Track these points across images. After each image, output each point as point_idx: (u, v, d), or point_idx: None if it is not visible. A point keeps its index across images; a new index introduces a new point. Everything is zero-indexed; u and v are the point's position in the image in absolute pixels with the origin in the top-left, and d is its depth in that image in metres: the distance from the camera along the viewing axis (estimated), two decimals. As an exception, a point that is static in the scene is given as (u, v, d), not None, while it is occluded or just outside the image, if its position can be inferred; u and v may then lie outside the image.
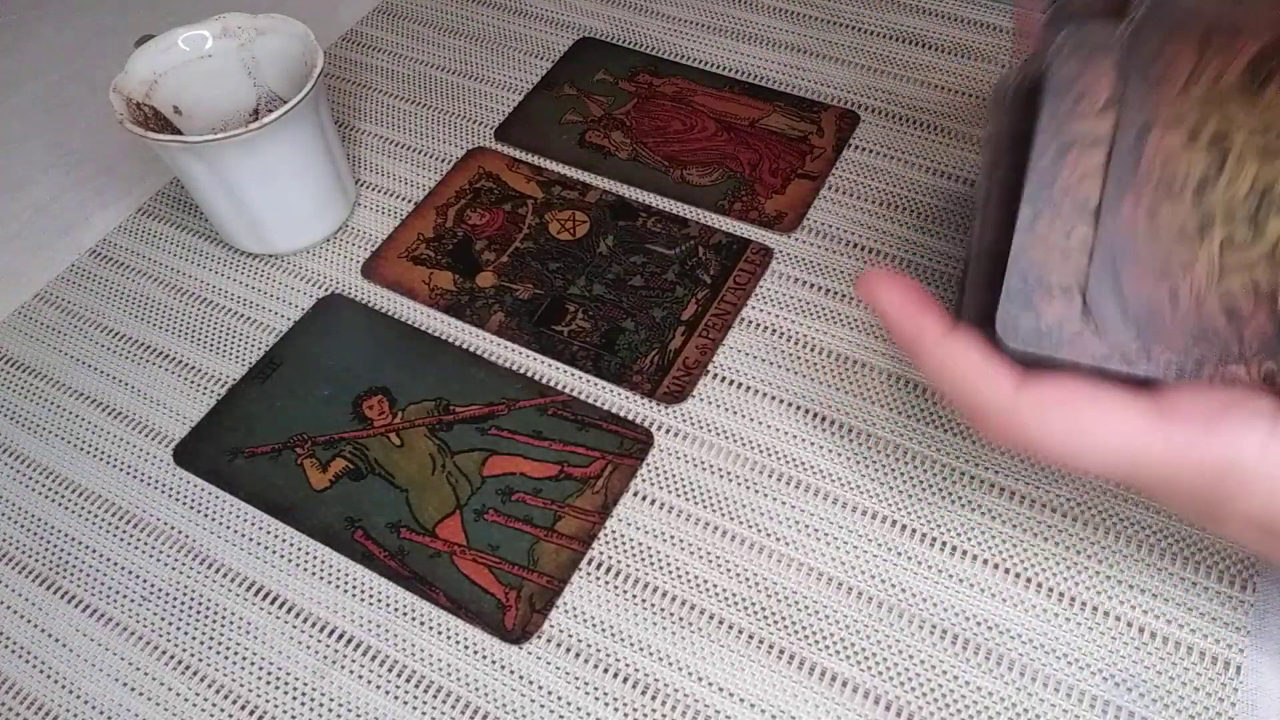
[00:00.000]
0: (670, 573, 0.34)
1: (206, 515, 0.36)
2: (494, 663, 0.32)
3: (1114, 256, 0.25)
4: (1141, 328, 0.25)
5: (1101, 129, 0.25)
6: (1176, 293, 0.25)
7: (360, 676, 0.32)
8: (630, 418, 0.37)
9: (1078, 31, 0.25)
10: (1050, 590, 0.32)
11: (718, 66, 0.50)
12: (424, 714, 0.31)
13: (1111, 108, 0.25)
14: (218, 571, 0.35)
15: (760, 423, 0.37)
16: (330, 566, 0.35)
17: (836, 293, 0.41)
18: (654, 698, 0.31)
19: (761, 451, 0.36)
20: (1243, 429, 0.24)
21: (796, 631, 0.32)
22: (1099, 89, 0.25)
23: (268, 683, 0.32)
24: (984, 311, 0.27)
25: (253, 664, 0.33)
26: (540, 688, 0.32)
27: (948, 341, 0.27)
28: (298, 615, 0.34)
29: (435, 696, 0.32)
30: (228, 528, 0.36)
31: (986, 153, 0.30)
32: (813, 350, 0.39)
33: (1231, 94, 0.25)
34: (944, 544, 0.34)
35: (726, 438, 0.37)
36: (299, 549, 0.35)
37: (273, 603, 0.34)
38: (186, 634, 0.34)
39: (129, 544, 0.36)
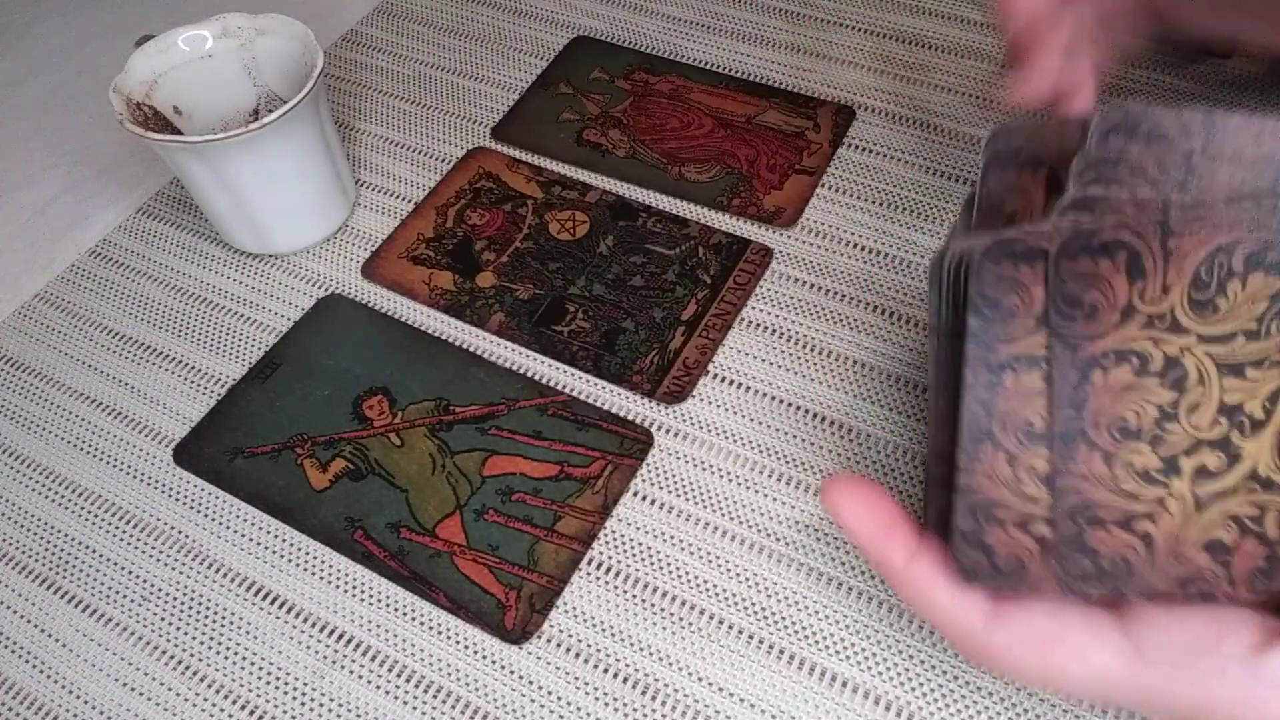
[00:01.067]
0: (670, 573, 0.34)
1: (206, 515, 0.36)
2: (494, 663, 0.32)
3: (1072, 511, 0.23)
4: (1117, 581, 0.23)
5: (1036, 349, 0.23)
6: (1150, 540, 0.23)
7: (360, 676, 0.32)
8: (630, 418, 0.37)
9: (1000, 242, 0.23)
10: (1050, 590, 0.32)
11: (714, 65, 0.50)
12: (424, 714, 0.31)
13: (1044, 326, 0.23)
14: (218, 571, 0.35)
15: (760, 423, 0.37)
16: (330, 566, 0.35)
17: (836, 293, 0.41)
18: (654, 698, 0.31)
19: (761, 451, 0.36)
20: (1217, 677, 0.23)
21: (796, 631, 0.32)
22: (1030, 305, 0.23)
23: (268, 683, 0.32)
24: (944, 519, 0.25)
25: (253, 664, 0.33)
26: (540, 688, 0.32)
27: (915, 568, 0.26)
28: (298, 615, 0.34)
29: (435, 696, 0.32)
30: (228, 528, 0.36)
31: (930, 339, 0.27)
32: (813, 350, 0.39)
33: (1180, 308, 0.22)
34: (944, 544, 0.33)
35: (726, 438, 0.37)
36: (299, 549, 0.35)
37: (273, 603, 0.34)
38: (186, 634, 0.34)
39: (129, 544, 0.36)
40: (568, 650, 0.32)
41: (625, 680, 0.32)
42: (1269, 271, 0.22)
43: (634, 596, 0.33)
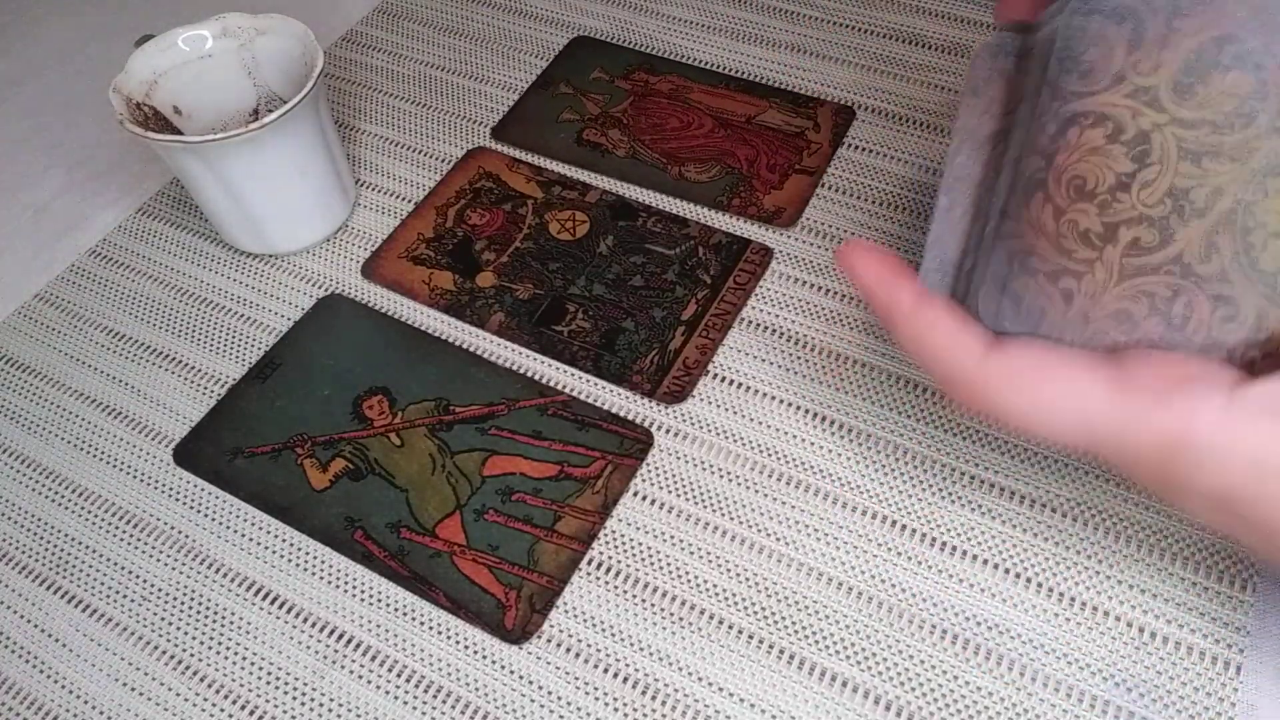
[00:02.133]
0: (670, 573, 0.34)
1: (206, 515, 0.36)
2: (494, 663, 0.32)
3: (1010, 254, 0.25)
4: (1032, 327, 0.25)
5: (1107, 105, 0.24)
6: (1070, 297, 0.25)
7: (360, 676, 0.32)
8: (630, 418, 0.37)
9: (994, 42, 0.25)
10: (1050, 590, 0.32)
11: (714, 65, 0.50)
12: (424, 714, 0.31)
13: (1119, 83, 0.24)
14: (218, 571, 0.35)
15: (760, 423, 0.37)
16: (330, 566, 0.35)
17: (836, 293, 0.41)
18: (654, 698, 0.31)
19: (761, 451, 0.36)
20: (1196, 403, 0.24)
21: (796, 631, 0.32)
22: (1111, 62, 0.24)
23: (268, 683, 0.32)
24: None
25: (253, 664, 0.33)
26: (540, 688, 0.32)
27: (921, 309, 0.28)
28: (298, 615, 0.34)
29: (435, 696, 0.32)
30: (228, 528, 0.36)
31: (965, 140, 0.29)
32: (813, 350, 0.39)
33: (1165, 86, 0.23)
34: (944, 544, 0.34)
35: (726, 438, 0.37)
36: (299, 549, 0.35)
37: (273, 603, 0.34)
38: (186, 634, 0.34)
39: (129, 544, 0.36)
40: (568, 650, 0.32)
41: (625, 680, 0.32)
42: (1249, 72, 0.23)
43: (634, 596, 0.33)
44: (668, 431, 0.37)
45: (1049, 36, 0.25)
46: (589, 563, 0.34)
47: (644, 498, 0.35)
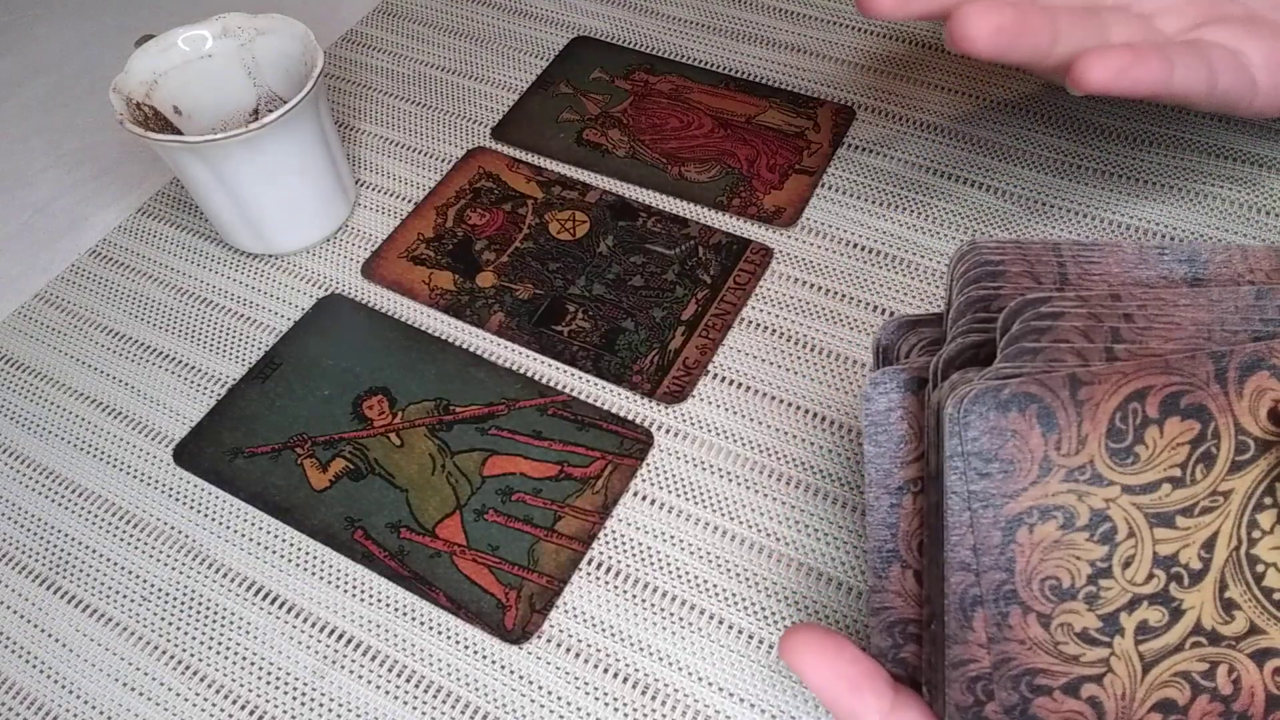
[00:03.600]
0: (670, 573, 0.34)
1: (206, 515, 0.36)
2: (494, 663, 0.32)
3: (1014, 679, 0.22)
4: None
5: (1040, 499, 0.22)
6: (1099, 705, 0.22)
7: (360, 676, 0.32)
8: (630, 418, 0.37)
9: (894, 374, 0.22)
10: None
11: (714, 65, 0.50)
12: (424, 714, 0.31)
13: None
14: (218, 571, 0.35)
15: (760, 423, 0.37)
16: (330, 566, 0.35)
17: (836, 293, 0.41)
18: (654, 698, 0.31)
19: (761, 451, 0.36)
20: None
21: (796, 631, 0.32)
22: (1031, 453, 0.21)
23: (268, 683, 0.32)
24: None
25: (253, 664, 0.33)
26: (540, 688, 0.32)
27: None
28: (298, 615, 0.34)
29: (435, 696, 0.32)
30: (228, 528, 0.36)
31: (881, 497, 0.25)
32: (813, 350, 0.39)
33: (1100, 459, 0.21)
34: (944, 544, 0.33)
35: (726, 438, 0.37)
36: (299, 549, 0.35)
37: (273, 603, 0.34)
38: (186, 634, 0.34)
39: (129, 544, 0.36)
40: (568, 650, 0.32)
41: (625, 680, 0.32)
42: (1184, 416, 0.21)
43: (634, 596, 0.33)
44: (668, 431, 0.37)
45: (939, 406, 0.22)
46: (589, 563, 0.34)
47: (644, 498, 0.35)
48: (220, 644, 0.33)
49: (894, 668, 0.25)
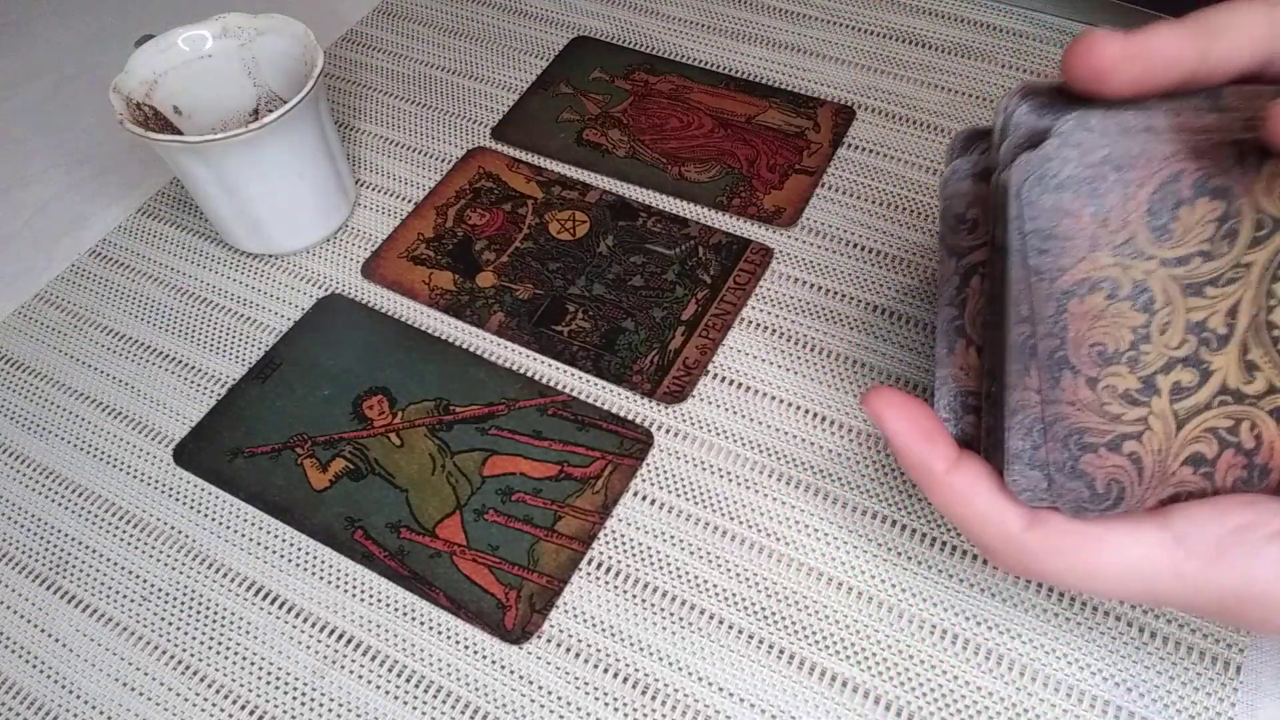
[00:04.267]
0: (670, 573, 0.34)
1: (206, 515, 0.36)
2: (494, 663, 0.32)
3: (1064, 437, 0.24)
4: (1111, 503, 0.25)
5: (1095, 271, 0.24)
6: (1138, 459, 0.24)
7: (360, 676, 0.32)
8: (630, 418, 0.37)
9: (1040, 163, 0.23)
10: (1050, 590, 0.32)
11: (714, 65, 0.50)
12: (424, 714, 0.31)
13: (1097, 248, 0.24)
14: (218, 571, 0.35)
15: (760, 423, 0.37)
16: (330, 566, 0.35)
17: (836, 293, 0.41)
18: (654, 698, 0.31)
19: (761, 451, 0.36)
20: (1253, 558, 0.24)
21: (796, 631, 0.32)
22: (1084, 228, 0.23)
23: (268, 683, 0.32)
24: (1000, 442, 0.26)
25: (253, 664, 0.33)
26: (540, 688, 0.32)
27: (955, 476, 0.27)
28: (298, 615, 0.34)
29: (435, 696, 0.32)
30: (228, 528, 0.36)
31: (949, 260, 0.28)
32: (813, 350, 0.39)
33: (1141, 234, 0.23)
34: (944, 544, 0.34)
35: (726, 438, 0.37)
36: (299, 549, 0.35)
37: (273, 603, 0.34)
38: (186, 634, 0.34)
39: (129, 544, 0.36)
40: (568, 650, 0.32)
41: (625, 680, 0.32)
42: (1212, 196, 0.23)
43: (634, 596, 0.33)
44: (668, 431, 0.37)
45: (1004, 189, 0.24)
46: (589, 563, 0.34)
47: (644, 498, 0.35)
48: (220, 644, 0.33)
49: (1074, 481, 0.26)
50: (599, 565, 0.34)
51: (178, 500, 0.37)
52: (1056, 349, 0.23)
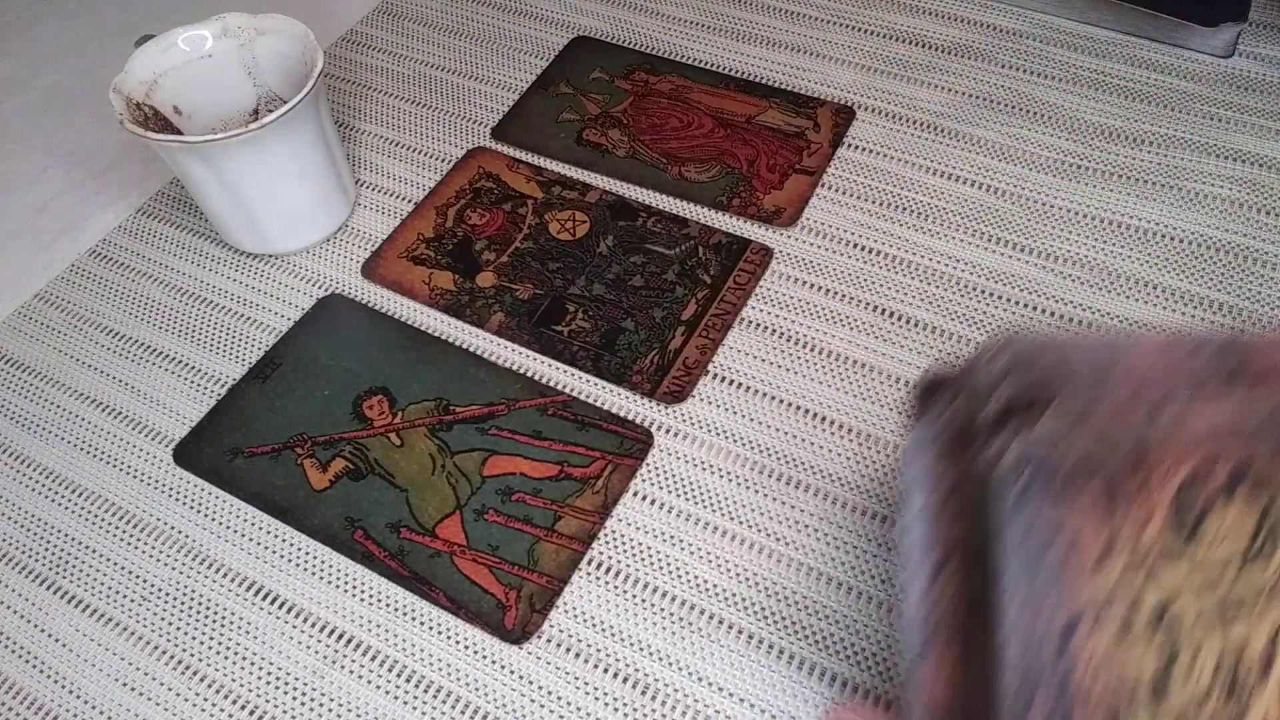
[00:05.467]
0: (670, 573, 0.34)
1: (206, 515, 0.36)
2: (494, 663, 0.32)
3: None
4: None
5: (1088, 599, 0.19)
6: None
7: (360, 676, 0.32)
8: (630, 418, 0.37)
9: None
10: (1050, 590, 0.32)
11: (714, 65, 0.50)
12: (424, 714, 0.31)
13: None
14: (218, 571, 0.35)
15: (760, 423, 0.37)
16: (330, 566, 0.35)
17: (836, 293, 0.41)
18: (654, 698, 0.31)
19: (761, 451, 0.36)
20: None
21: (796, 631, 0.32)
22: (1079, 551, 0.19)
23: (268, 683, 0.32)
24: None
25: (253, 664, 0.33)
26: (540, 688, 0.32)
27: None
28: (298, 615, 0.34)
29: (435, 696, 0.32)
30: (228, 528, 0.36)
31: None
32: (813, 350, 0.39)
33: (1159, 552, 0.19)
34: (944, 544, 0.33)
35: (726, 438, 0.37)
36: (299, 549, 0.35)
37: (273, 603, 0.34)
38: (186, 634, 0.34)
39: (129, 544, 0.36)
40: (568, 650, 0.32)
41: (625, 680, 0.32)
42: (1251, 496, 0.19)
43: (634, 596, 0.33)
44: (668, 431, 0.37)
45: (986, 475, 0.20)
46: (589, 563, 0.34)
47: (644, 498, 0.35)
48: (220, 644, 0.33)
49: None
50: (599, 565, 0.34)
51: (178, 500, 0.37)
52: (1059, 696, 0.19)
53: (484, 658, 0.32)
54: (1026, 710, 0.20)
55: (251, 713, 0.32)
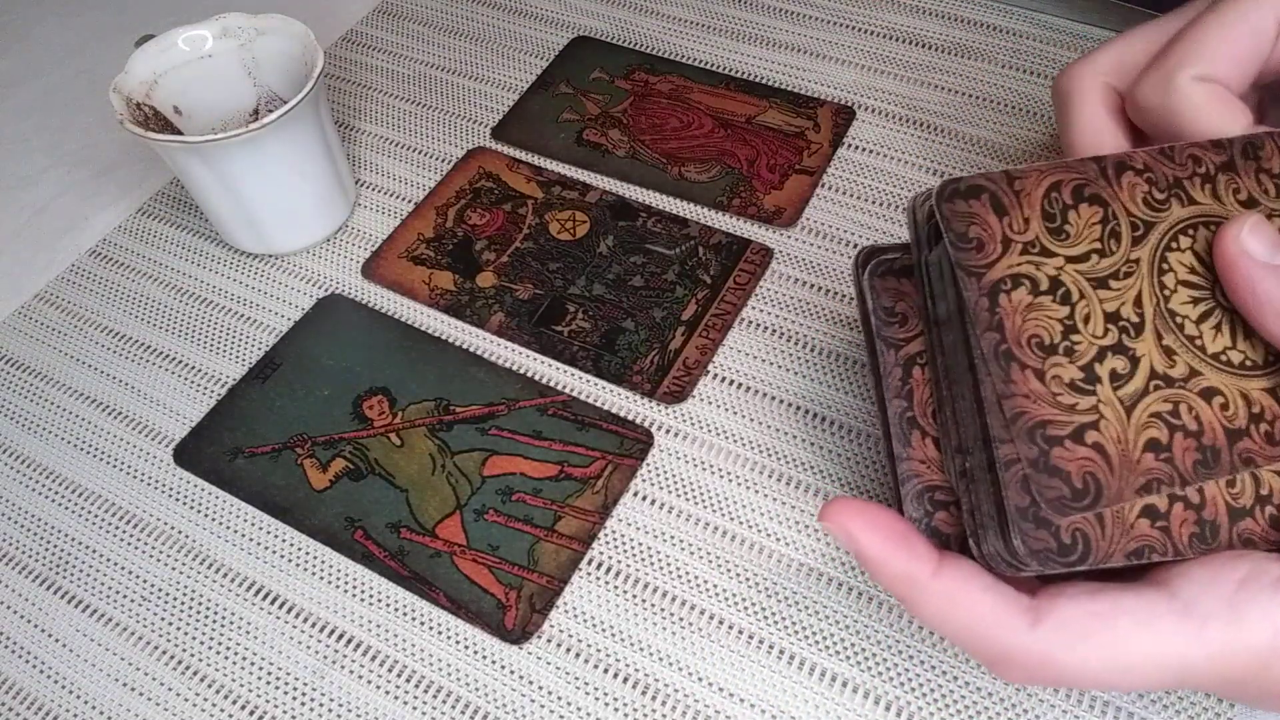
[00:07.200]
0: (670, 573, 0.34)
1: (206, 515, 0.36)
2: (494, 663, 0.32)
3: (1029, 432, 0.24)
4: (1090, 499, 0.24)
5: (1011, 269, 0.25)
6: (1103, 449, 0.24)
7: (360, 676, 0.32)
8: (630, 418, 0.37)
9: (950, 187, 0.26)
10: (1050, 590, 0.32)
11: (714, 65, 0.50)
12: (424, 714, 0.31)
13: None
14: (218, 571, 0.35)
15: (760, 423, 0.37)
16: (330, 566, 0.35)
17: (836, 293, 0.41)
18: (654, 698, 0.31)
19: (761, 451, 0.36)
20: (1272, 606, 0.23)
21: (796, 631, 0.32)
22: (993, 234, 0.26)
23: (268, 683, 0.32)
24: (987, 514, 0.26)
25: (253, 664, 0.33)
26: (540, 688, 0.32)
27: (943, 580, 0.24)
28: (298, 615, 0.34)
29: (435, 696, 0.32)
30: (228, 528, 0.36)
31: (885, 353, 0.30)
32: (813, 350, 0.39)
33: (1042, 235, 0.25)
34: (944, 544, 0.33)
35: (726, 438, 0.37)
36: (299, 549, 0.35)
37: (273, 603, 0.34)
38: (186, 634, 0.34)
39: (129, 544, 0.36)
40: (568, 650, 0.32)
41: (625, 680, 0.32)
42: (1090, 202, 0.26)
43: (634, 596, 0.33)
44: (668, 431, 0.37)
45: (936, 263, 0.27)
46: (589, 563, 0.34)
47: (644, 498, 0.35)
48: (220, 644, 0.33)
49: (929, 536, 0.27)
50: (599, 565, 0.34)
51: (178, 500, 0.37)
52: (999, 343, 0.25)
53: (484, 658, 0.32)
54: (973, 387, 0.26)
55: (251, 713, 0.32)
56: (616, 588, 0.33)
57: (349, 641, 0.33)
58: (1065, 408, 0.24)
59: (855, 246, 0.42)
